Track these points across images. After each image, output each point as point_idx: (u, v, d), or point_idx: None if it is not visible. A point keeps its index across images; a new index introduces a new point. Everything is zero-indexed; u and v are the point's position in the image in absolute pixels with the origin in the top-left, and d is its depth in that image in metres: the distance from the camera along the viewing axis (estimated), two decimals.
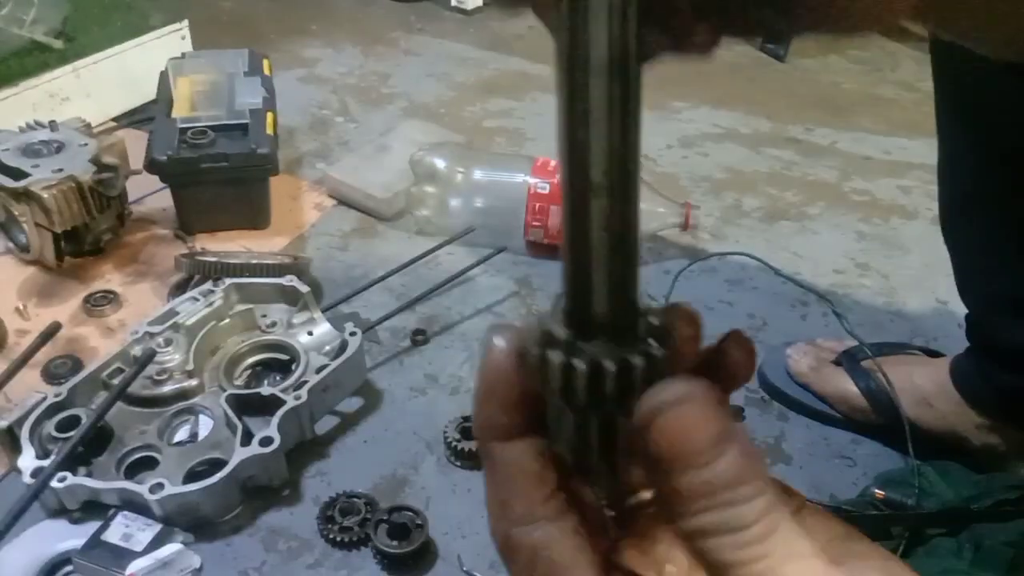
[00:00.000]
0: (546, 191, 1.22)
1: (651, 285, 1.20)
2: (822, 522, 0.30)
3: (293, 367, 0.96)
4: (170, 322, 0.98)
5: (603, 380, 0.26)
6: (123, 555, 0.78)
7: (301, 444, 0.94)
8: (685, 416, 0.25)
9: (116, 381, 0.92)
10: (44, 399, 0.89)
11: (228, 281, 1.03)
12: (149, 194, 1.33)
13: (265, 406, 0.91)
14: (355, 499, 0.87)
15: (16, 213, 1.12)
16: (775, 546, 0.25)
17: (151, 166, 1.20)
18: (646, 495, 0.33)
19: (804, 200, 1.45)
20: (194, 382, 0.94)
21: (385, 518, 0.84)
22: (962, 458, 0.90)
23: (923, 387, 0.93)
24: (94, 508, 0.84)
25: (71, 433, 0.85)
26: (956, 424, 0.91)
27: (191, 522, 0.84)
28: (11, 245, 1.20)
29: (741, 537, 0.25)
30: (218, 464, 0.86)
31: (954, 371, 0.91)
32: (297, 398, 0.90)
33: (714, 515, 0.25)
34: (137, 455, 0.89)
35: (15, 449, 0.87)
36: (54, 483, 0.81)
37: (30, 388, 0.95)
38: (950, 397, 0.91)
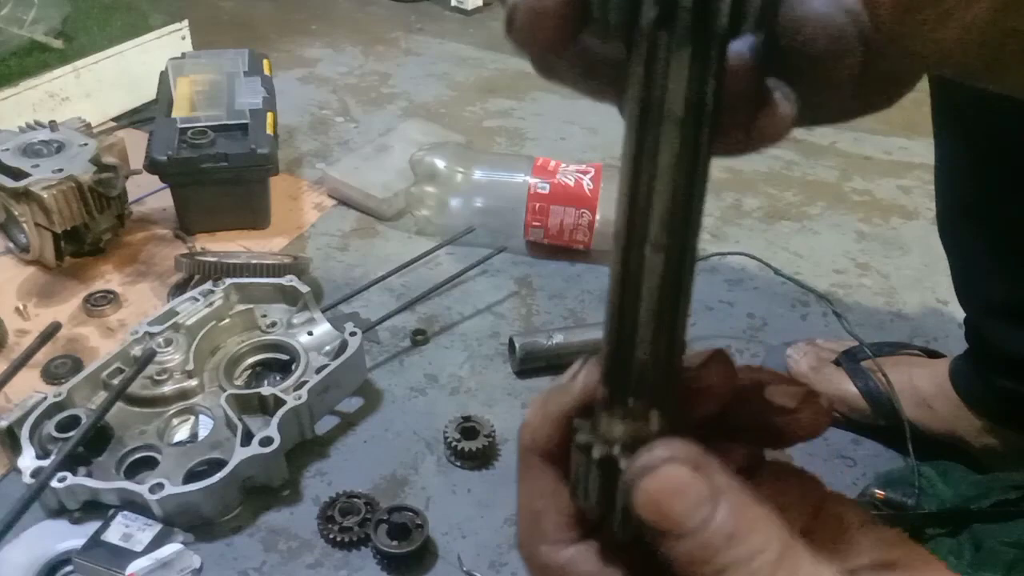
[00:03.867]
0: (546, 191, 1.22)
1: None
2: (867, 532, 0.28)
3: (293, 367, 0.96)
4: (170, 322, 0.98)
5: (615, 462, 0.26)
6: (123, 555, 0.78)
7: (301, 444, 0.94)
8: (663, 480, 0.24)
9: (116, 381, 0.92)
10: (44, 399, 0.89)
11: (228, 281, 1.03)
12: (149, 194, 1.33)
13: (265, 406, 0.92)
14: (355, 499, 0.87)
15: (16, 213, 1.12)
16: None
17: (151, 166, 1.20)
18: None
19: (804, 200, 1.45)
20: (194, 382, 0.94)
21: (385, 518, 0.84)
22: (962, 459, 0.90)
23: (923, 388, 0.93)
24: (94, 508, 0.84)
25: (71, 433, 0.85)
26: (956, 426, 0.91)
27: (191, 522, 0.84)
28: (11, 245, 1.20)
29: None
30: (218, 464, 0.86)
31: (953, 373, 0.91)
32: (297, 398, 0.90)
33: None
34: (137, 455, 0.89)
35: (15, 449, 0.87)
36: (54, 483, 0.81)
37: (30, 388, 0.96)
38: (949, 399, 0.91)
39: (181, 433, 0.92)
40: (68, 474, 0.82)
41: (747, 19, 0.22)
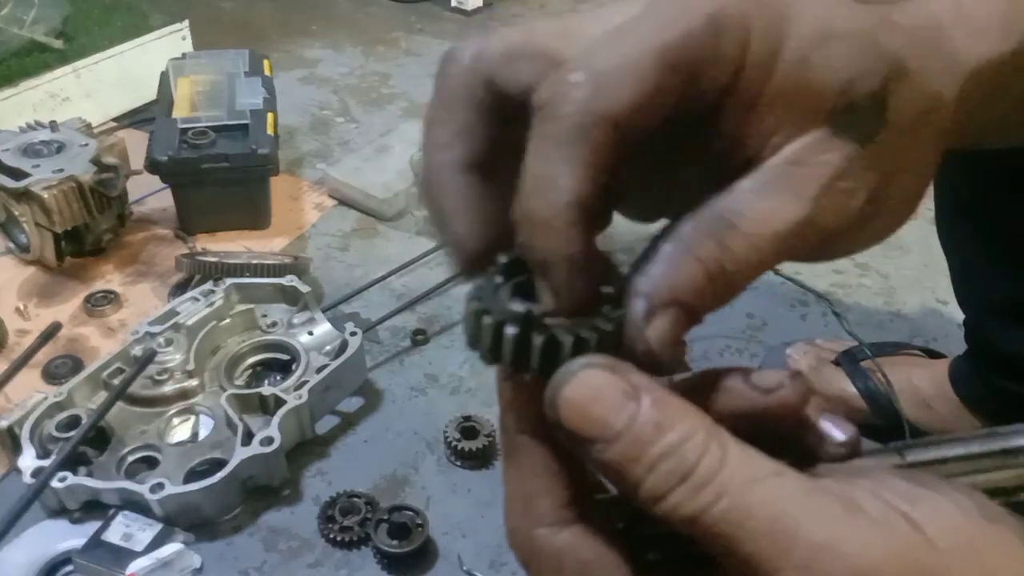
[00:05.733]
0: None
1: None
2: None
3: (293, 367, 0.96)
4: (171, 322, 0.98)
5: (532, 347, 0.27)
6: (123, 555, 0.78)
7: (301, 444, 0.94)
8: (583, 385, 0.25)
9: (116, 381, 0.92)
10: (44, 399, 0.89)
11: (229, 281, 1.03)
12: (150, 194, 1.33)
13: (266, 406, 0.92)
14: (355, 499, 0.87)
15: (17, 213, 1.12)
16: (730, 477, 0.23)
17: (152, 166, 1.20)
18: None
19: None
20: (195, 382, 0.94)
21: (385, 518, 0.84)
22: None
23: (922, 389, 0.93)
24: (94, 508, 0.84)
25: (71, 433, 0.85)
26: (955, 426, 0.91)
27: (191, 522, 0.84)
28: (11, 245, 1.20)
29: (691, 484, 0.24)
30: (219, 464, 0.86)
31: (953, 374, 0.91)
32: (298, 398, 0.90)
33: (655, 476, 0.24)
34: (137, 455, 0.89)
35: (15, 449, 0.87)
36: (54, 483, 0.81)
37: (30, 388, 0.96)
38: (949, 399, 0.91)
39: (181, 433, 0.92)
40: (68, 474, 0.82)
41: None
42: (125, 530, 0.80)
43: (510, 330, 0.27)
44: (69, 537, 0.82)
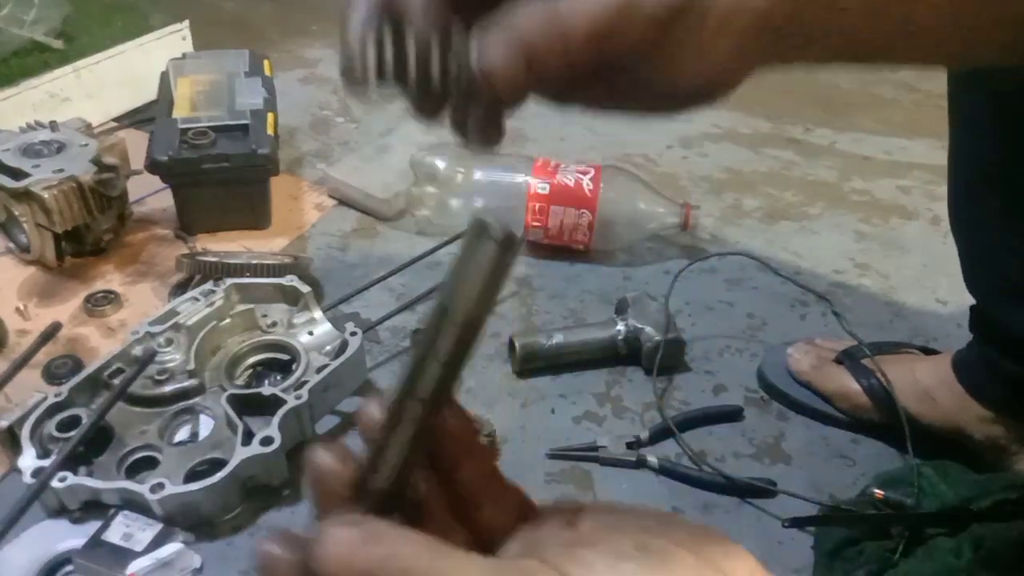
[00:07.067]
0: (546, 192, 1.22)
1: (651, 285, 1.20)
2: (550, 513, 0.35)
3: (294, 367, 0.96)
4: (171, 322, 0.98)
5: None
6: (123, 555, 0.78)
7: (302, 444, 0.94)
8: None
9: (117, 381, 0.92)
10: (44, 399, 0.89)
11: (229, 281, 1.03)
12: (150, 194, 1.33)
13: (266, 406, 0.91)
14: None
15: (17, 213, 1.12)
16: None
17: (152, 166, 1.20)
18: None
19: (804, 200, 1.45)
20: (195, 382, 0.94)
21: None
22: (964, 455, 0.90)
23: (925, 382, 0.93)
24: (94, 508, 0.84)
25: (72, 433, 0.85)
26: (959, 418, 0.91)
27: (192, 522, 0.84)
28: (11, 245, 1.20)
29: None
30: (219, 464, 0.86)
31: (957, 364, 0.91)
32: (298, 398, 0.90)
33: None
34: (138, 455, 0.89)
35: (15, 449, 0.87)
36: (54, 483, 0.81)
37: (30, 388, 0.95)
38: (953, 391, 0.90)
39: (182, 433, 0.92)
40: (69, 474, 0.82)
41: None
42: (125, 530, 0.80)
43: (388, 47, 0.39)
44: (69, 537, 0.82)
